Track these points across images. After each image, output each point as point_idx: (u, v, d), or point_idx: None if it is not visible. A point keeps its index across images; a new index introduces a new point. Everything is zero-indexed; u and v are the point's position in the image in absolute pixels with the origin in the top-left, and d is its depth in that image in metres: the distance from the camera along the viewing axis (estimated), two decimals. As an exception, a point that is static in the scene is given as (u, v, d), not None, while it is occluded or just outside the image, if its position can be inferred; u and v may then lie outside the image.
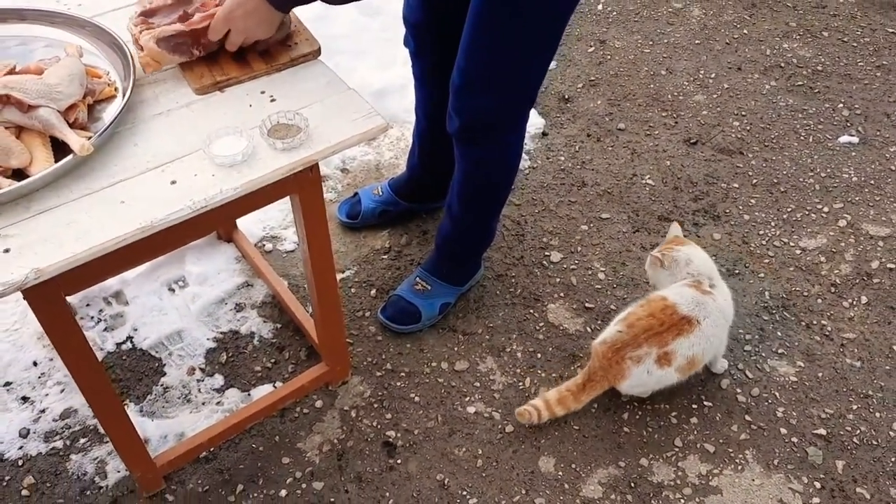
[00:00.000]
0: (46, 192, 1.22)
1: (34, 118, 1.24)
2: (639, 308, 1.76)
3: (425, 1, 1.80)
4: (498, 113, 1.66)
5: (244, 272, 2.14)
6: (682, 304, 1.73)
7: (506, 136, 1.74)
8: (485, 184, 1.84)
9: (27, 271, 1.12)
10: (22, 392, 1.87)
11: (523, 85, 1.63)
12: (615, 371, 1.72)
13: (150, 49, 1.37)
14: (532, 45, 1.54)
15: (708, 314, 1.73)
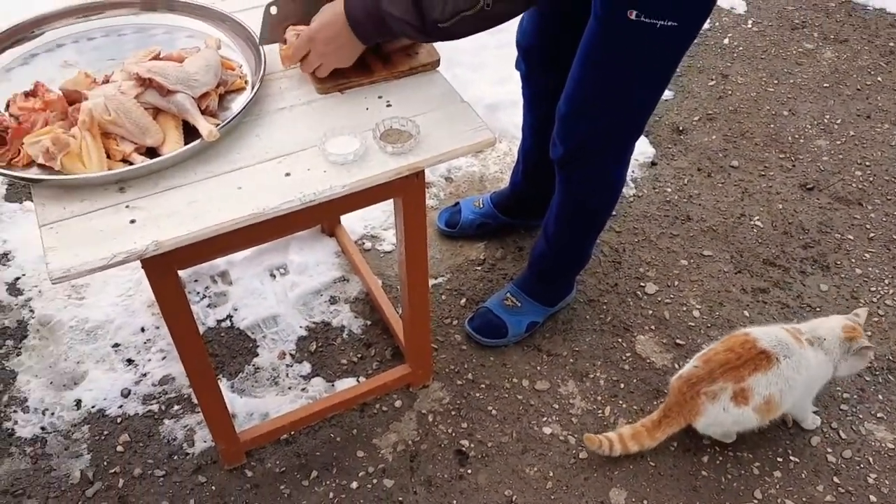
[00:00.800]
0: (173, 171, 1.31)
1: (171, 102, 1.34)
2: (719, 343, 1.72)
3: (538, 27, 1.83)
4: (603, 142, 1.66)
5: (342, 267, 2.21)
6: (763, 339, 1.67)
7: (609, 165, 1.73)
8: (584, 208, 1.84)
9: (148, 242, 1.21)
10: (128, 355, 2.00)
11: (631, 117, 1.62)
12: (690, 407, 1.68)
13: (291, 42, 1.45)
14: (642, 79, 1.54)
15: (790, 354, 1.67)
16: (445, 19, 1.28)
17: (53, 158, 1.27)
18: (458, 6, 1.27)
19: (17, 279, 2.17)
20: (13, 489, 1.74)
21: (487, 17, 1.29)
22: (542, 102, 1.95)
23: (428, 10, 1.28)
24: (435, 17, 1.28)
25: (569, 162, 1.71)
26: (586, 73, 1.56)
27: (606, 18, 1.46)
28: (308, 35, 1.40)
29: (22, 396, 1.91)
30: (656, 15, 1.40)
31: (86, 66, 1.49)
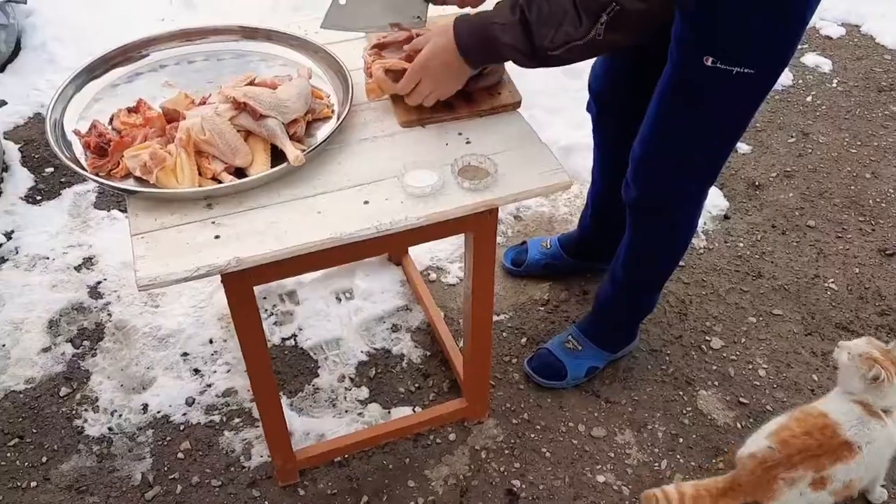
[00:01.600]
0: (258, 192, 1.37)
1: (262, 126, 1.40)
2: (793, 422, 1.65)
3: (610, 72, 1.85)
4: (675, 188, 1.66)
5: (406, 296, 2.25)
6: (844, 425, 1.61)
7: (680, 212, 1.73)
8: (652, 255, 1.83)
9: (230, 258, 1.26)
10: (195, 364, 2.07)
11: (705, 163, 1.62)
12: (765, 489, 1.62)
13: (377, 77, 1.50)
14: (717, 126, 1.54)
15: (872, 440, 1.60)
16: (556, 47, 1.30)
17: (150, 172, 1.34)
18: (569, 36, 1.29)
19: (98, 283, 2.27)
20: (77, 485, 1.80)
21: (598, 47, 1.30)
22: (612, 146, 1.96)
23: (538, 38, 1.31)
24: (545, 46, 1.31)
25: (641, 205, 1.71)
26: (662, 117, 1.57)
27: (682, 64, 1.47)
28: (421, 64, 1.42)
29: (93, 396, 1.99)
30: (732, 62, 1.40)
31: (185, 87, 1.57)
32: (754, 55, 1.40)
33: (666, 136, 1.58)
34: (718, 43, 1.40)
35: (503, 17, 1.34)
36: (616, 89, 1.86)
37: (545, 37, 1.30)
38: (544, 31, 1.30)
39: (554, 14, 1.29)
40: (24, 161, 2.65)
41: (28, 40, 3.12)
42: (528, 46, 1.33)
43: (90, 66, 1.57)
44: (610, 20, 1.26)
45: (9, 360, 2.06)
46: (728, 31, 1.39)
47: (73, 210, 2.49)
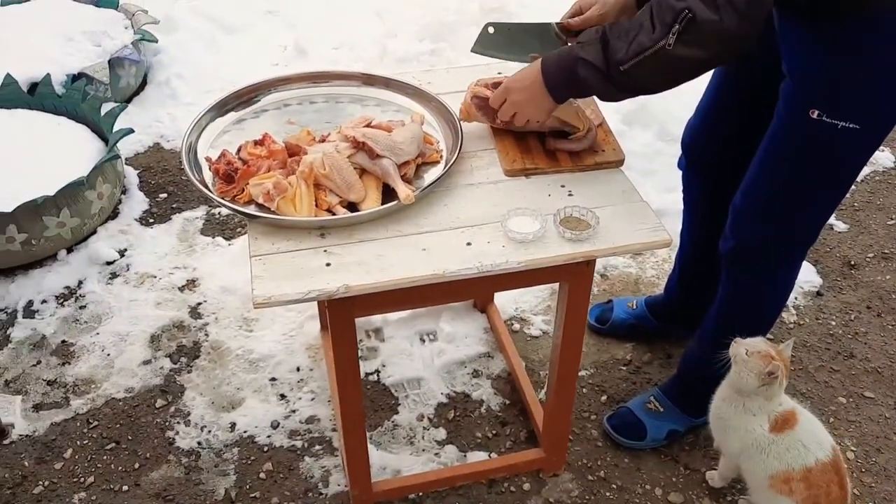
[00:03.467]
0: (368, 226, 1.45)
1: (377, 165, 1.49)
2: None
3: (703, 124, 1.87)
4: (774, 243, 1.66)
5: (488, 343, 2.28)
6: None
7: (776, 269, 1.72)
8: (744, 314, 1.81)
9: (339, 285, 1.33)
10: (282, 390, 2.14)
11: (807, 219, 1.62)
12: None
13: (466, 100, 1.60)
14: (821, 181, 1.54)
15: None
16: (627, 59, 1.33)
17: (272, 200, 1.44)
18: (640, 46, 1.32)
19: (199, 304, 2.39)
20: (165, 494, 1.89)
21: (667, 60, 1.31)
22: (702, 204, 1.98)
23: (613, 51, 1.35)
24: (618, 59, 1.34)
25: (737, 259, 1.71)
26: (765, 170, 1.59)
27: (788, 116, 1.49)
28: (505, 85, 1.52)
29: (186, 410, 2.08)
30: (838, 116, 1.41)
31: (305, 125, 1.69)
32: (860, 111, 1.41)
33: (769, 189, 1.59)
34: (824, 96, 1.42)
35: (587, 37, 1.41)
36: (710, 145, 1.88)
37: (619, 49, 1.34)
38: (619, 45, 1.34)
39: (632, 27, 1.34)
40: (141, 186, 2.84)
41: (154, 76, 3.36)
42: (603, 61, 1.36)
43: (223, 101, 1.70)
44: (682, 29, 1.27)
45: (112, 368, 2.19)
46: (835, 85, 1.40)
47: (181, 234, 2.65)
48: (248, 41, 3.64)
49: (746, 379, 1.63)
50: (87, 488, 1.89)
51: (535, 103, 1.50)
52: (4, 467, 1.93)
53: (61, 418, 2.05)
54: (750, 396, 1.66)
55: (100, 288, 2.42)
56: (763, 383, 1.62)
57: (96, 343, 2.26)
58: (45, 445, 1.98)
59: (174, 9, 3.67)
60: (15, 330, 2.29)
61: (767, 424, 1.66)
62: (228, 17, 3.75)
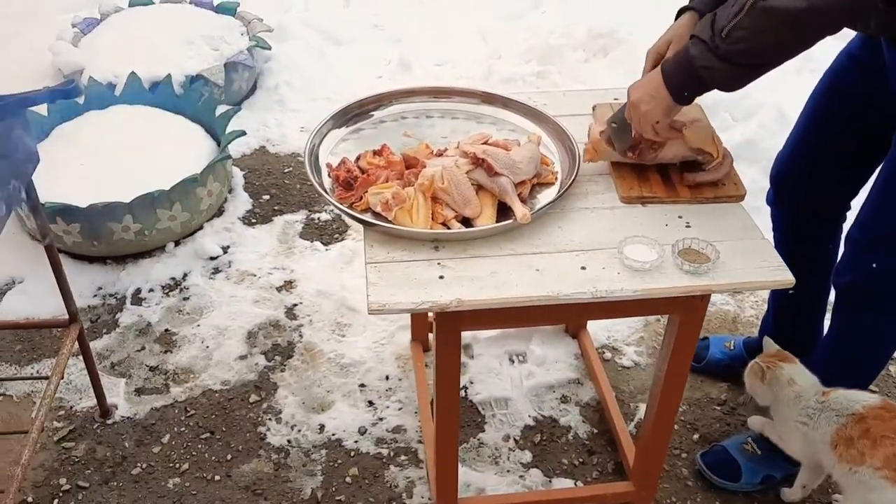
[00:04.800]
0: (482, 242, 1.46)
1: (495, 182, 1.50)
2: None
3: (795, 160, 1.83)
4: (893, 279, 1.59)
5: (578, 369, 2.25)
6: None
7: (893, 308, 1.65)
8: (855, 354, 1.75)
9: (452, 298, 1.34)
10: (370, 397, 2.17)
11: None
12: None
13: (592, 136, 1.58)
14: None
15: None
16: (728, 22, 1.29)
17: (390, 209, 1.46)
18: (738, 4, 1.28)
19: (295, 305, 2.45)
20: (254, 487, 1.93)
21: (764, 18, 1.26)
22: (791, 239, 1.92)
23: (718, 20, 1.32)
24: (721, 25, 1.31)
25: (855, 293, 1.65)
26: (887, 201, 1.53)
27: None
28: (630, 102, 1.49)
29: (278, 408, 2.13)
30: None
31: (421, 138, 1.71)
32: None
33: (890, 219, 1.53)
34: None
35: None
36: (798, 176, 1.84)
37: (723, 17, 1.31)
38: (723, 13, 1.31)
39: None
40: (246, 186, 2.93)
41: (263, 81, 3.48)
42: (709, 31, 1.33)
43: (346, 109, 1.74)
44: None
45: (210, 360, 2.26)
46: None
47: (281, 236, 2.72)
48: (354, 53, 3.73)
49: (761, 393, 1.80)
50: (181, 474, 1.95)
51: (651, 101, 1.45)
52: (107, 446, 2.01)
53: (161, 404, 2.13)
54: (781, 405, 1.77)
55: (203, 282, 2.51)
56: (770, 385, 1.76)
57: (196, 334, 2.34)
58: (144, 429, 2.06)
59: (287, 18, 3.79)
60: (123, 315, 2.39)
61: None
62: (337, 29, 3.85)
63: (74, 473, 1.95)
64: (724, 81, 1.38)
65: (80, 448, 2.00)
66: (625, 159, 1.58)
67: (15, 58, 3.44)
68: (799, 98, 1.92)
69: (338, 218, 2.80)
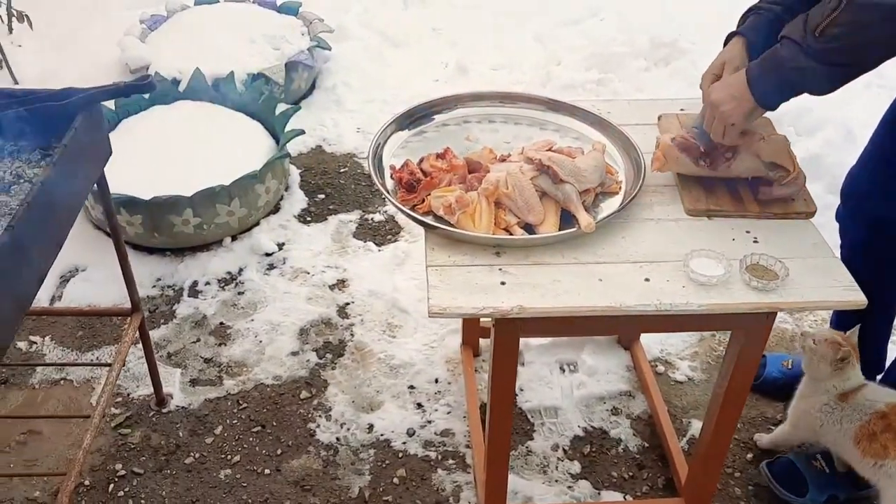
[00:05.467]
0: (544, 250, 1.45)
1: (559, 190, 1.49)
2: None
3: (868, 175, 1.79)
4: None
5: (630, 382, 2.22)
6: None
7: None
8: None
9: (514, 305, 1.34)
10: (419, 399, 2.17)
11: None
12: None
13: (662, 144, 1.56)
14: None
15: None
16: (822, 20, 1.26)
17: (453, 213, 1.46)
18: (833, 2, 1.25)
19: (346, 304, 2.47)
20: (303, 483, 1.95)
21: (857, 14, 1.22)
22: (860, 255, 1.86)
23: (811, 19, 1.29)
24: (814, 24, 1.28)
25: None
26: None
27: None
28: (710, 101, 1.47)
29: (328, 405, 2.15)
30: None
31: (484, 143, 1.71)
32: None
33: None
34: None
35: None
36: (870, 191, 1.79)
37: (816, 16, 1.28)
38: (817, 12, 1.28)
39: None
40: (302, 185, 2.96)
41: (322, 81, 3.52)
42: (801, 31, 1.30)
43: (410, 112, 1.75)
44: None
45: (263, 355, 2.29)
46: None
47: (335, 235, 2.74)
48: (411, 56, 3.75)
49: (819, 366, 1.76)
50: (232, 466, 1.98)
51: (732, 102, 1.42)
52: (161, 434, 2.05)
53: (214, 396, 2.16)
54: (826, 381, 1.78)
55: (258, 277, 2.54)
56: (835, 368, 1.74)
57: (250, 329, 2.37)
58: (198, 419, 2.09)
59: (347, 19, 3.83)
60: (180, 307, 2.44)
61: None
62: (395, 31, 3.88)
63: (130, 459, 1.99)
64: (817, 83, 1.34)
65: (135, 435, 2.05)
66: (696, 170, 1.55)
67: (83, 52, 3.54)
68: (866, 114, 1.88)
69: (391, 219, 2.81)
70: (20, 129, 1.59)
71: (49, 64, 3.44)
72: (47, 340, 2.32)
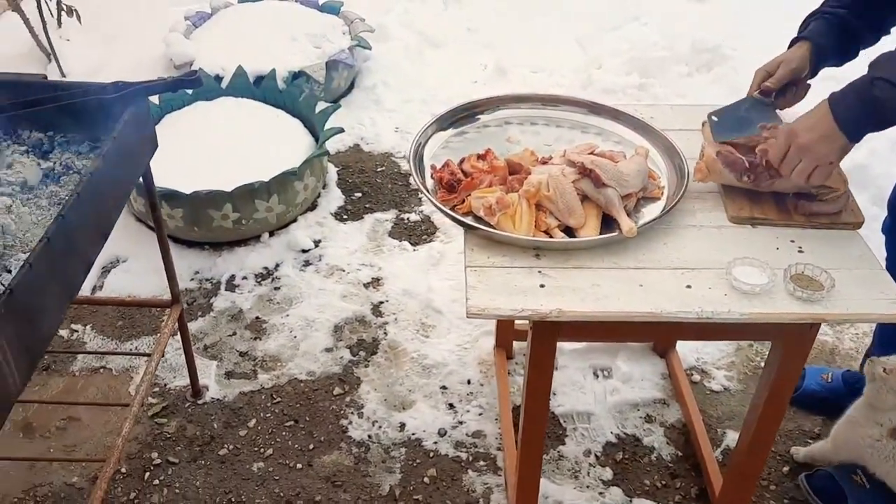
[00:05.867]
0: (584, 253, 1.44)
1: (601, 194, 1.48)
2: None
3: None
4: None
5: (665, 390, 2.20)
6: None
7: None
8: None
9: (553, 308, 1.33)
10: (451, 399, 2.17)
11: None
12: None
13: (707, 156, 1.54)
14: None
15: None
16: None
17: (493, 214, 1.46)
18: None
19: (381, 303, 2.48)
20: (334, 479, 1.96)
21: None
22: None
23: None
24: None
25: None
26: None
27: None
28: (788, 130, 1.42)
29: (360, 402, 2.16)
30: None
31: (524, 145, 1.70)
32: None
33: None
34: None
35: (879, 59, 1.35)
36: None
37: None
38: None
39: None
40: (339, 183, 2.98)
41: (361, 80, 3.54)
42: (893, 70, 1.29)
43: (452, 112, 1.75)
44: None
45: (297, 350, 2.31)
46: None
47: (371, 234, 2.76)
48: (450, 57, 3.75)
49: (886, 396, 1.70)
50: (265, 459, 2.00)
51: (825, 143, 1.38)
52: (196, 425, 2.08)
53: (249, 389, 2.19)
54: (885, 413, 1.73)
55: (294, 273, 2.57)
56: None
57: (285, 324, 2.39)
58: (232, 411, 2.12)
59: (387, 19, 3.85)
60: (217, 300, 2.47)
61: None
62: (435, 31, 3.89)
63: (165, 449, 2.02)
64: None
65: (171, 425, 2.08)
66: (739, 184, 1.53)
67: (129, 47, 3.61)
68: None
69: (427, 219, 2.82)
70: (71, 121, 1.63)
71: (95, 58, 3.51)
72: (88, 329, 2.37)
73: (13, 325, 1.14)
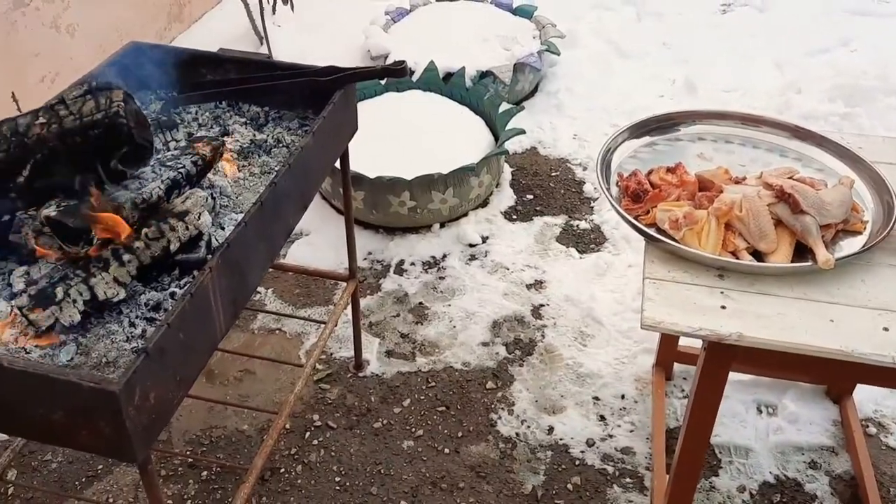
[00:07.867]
0: (772, 280, 1.38)
1: (798, 221, 1.41)
2: None
3: None
4: None
5: (835, 437, 2.06)
6: None
7: None
8: None
9: (733, 331, 1.29)
10: (603, 411, 2.15)
11: None
12: None
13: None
14: None
15: None
16: None
17: (678, 228, 1.43)
18: None
19: (541, 306, 2.49)
20: (479, 469, 2.00)
21: None
22: None
23: None
24: None
25: None
26: None
27: None
28: None
29: (511, 399, 2.18)
30: None
31: (717, 163, 1.65)
32: None
33: None
34: None
35: None
36: None
37: None
38: None
39: None
40: (513, 183, 3.02)
41: (545, 85, 3.56)
42: None
43: (646, 121, 1.73)
44: None
45: (455, 340, 2.37)
46: None
47: (538, 237, 2.78)
48: (639, 69, 3.69)
49: None
50: (415, 438, 2.08)
51: None
52: (356, 395, 2.19)
53: (406, 370, 2.27)
54: None
55: (459, 265, 2.63)
56: None
57: (446, 313, 2.46)
58: (390, 388, 2.21)
59: (578, 27, 3.85)
60: (385, 282, 2.58)
61: None
62: (625, 42, 3.84)
63: (326, 413, 2.14)
64: None
65: (333, 392, 2.20)
66: None
67: (332, 36, 3.84)
68: None
69: (596, 228, 2.80)
70: (285, 99, 1.77)
71: (301, 44, 3.77)
72: (269, 292, 2.56)
73: (226, 277, 1.26)
